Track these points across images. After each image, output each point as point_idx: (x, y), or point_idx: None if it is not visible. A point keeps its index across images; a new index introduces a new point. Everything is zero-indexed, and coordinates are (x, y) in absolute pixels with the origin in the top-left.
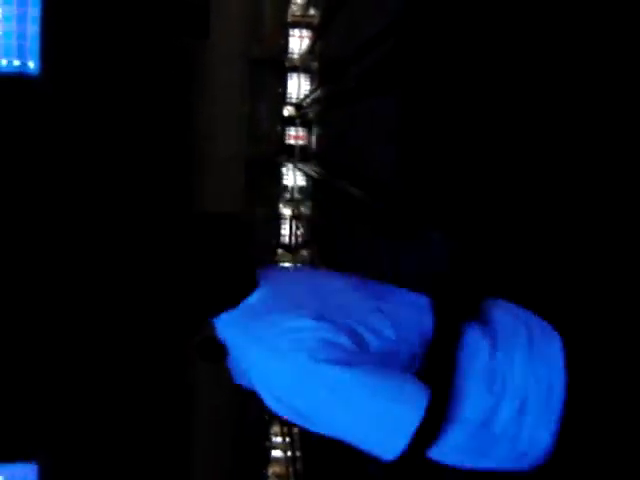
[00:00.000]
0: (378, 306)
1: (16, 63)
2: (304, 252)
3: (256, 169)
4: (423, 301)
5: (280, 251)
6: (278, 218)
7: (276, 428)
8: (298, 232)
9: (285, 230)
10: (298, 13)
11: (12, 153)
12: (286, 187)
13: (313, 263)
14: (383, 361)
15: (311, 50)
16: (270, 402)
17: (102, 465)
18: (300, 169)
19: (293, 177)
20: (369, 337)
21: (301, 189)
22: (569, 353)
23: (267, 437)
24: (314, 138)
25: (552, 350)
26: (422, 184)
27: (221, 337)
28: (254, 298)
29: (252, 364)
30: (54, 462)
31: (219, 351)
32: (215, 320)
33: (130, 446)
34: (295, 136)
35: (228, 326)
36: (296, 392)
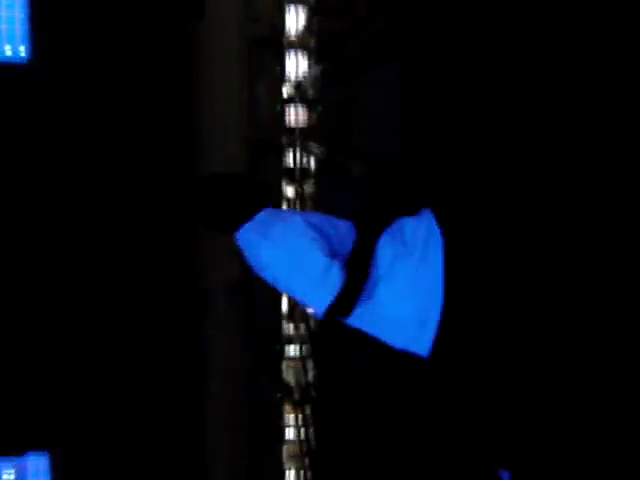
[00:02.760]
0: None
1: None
2: None
3: (257, 150)
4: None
5: None
6: (280, 198)
7: (288, 407)
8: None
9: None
10: None
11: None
12: (288, 168)
13: None
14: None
15: (308, 27)
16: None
17: (113, 455)
18: (302, 149)
19: (295, 157)
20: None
21: (304, 169)
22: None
23: (280, 416)
24: (315, 117)
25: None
26: (424, 155)
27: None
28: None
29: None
30: (66, 453)
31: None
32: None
33: (141, 441)
34: (295, 115)
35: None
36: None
